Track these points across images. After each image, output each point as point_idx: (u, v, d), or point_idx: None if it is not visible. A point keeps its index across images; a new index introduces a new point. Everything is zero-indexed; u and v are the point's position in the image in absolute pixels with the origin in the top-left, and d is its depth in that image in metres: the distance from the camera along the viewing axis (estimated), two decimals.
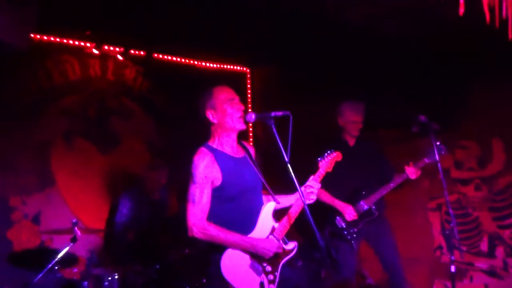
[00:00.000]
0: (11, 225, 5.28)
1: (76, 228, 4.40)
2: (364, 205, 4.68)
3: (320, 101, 5.94)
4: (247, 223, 3.23)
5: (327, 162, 3.54)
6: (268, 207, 3.33)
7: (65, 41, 5.74)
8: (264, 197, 3.44)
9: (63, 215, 5.49)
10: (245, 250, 3.16)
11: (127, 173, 5.95)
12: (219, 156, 3.21)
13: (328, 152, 3.58)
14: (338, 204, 4.71)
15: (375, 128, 5.29)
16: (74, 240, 4.40)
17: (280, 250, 3.24)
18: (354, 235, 4.70)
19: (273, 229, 3.28)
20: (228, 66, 7.00)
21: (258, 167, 3.38)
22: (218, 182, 3.16)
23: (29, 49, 5.10)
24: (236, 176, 3.23)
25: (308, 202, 3.25)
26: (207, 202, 3.13)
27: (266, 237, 3.24)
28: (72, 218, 4.66)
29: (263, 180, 3.36)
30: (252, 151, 3.52)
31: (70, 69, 5.84)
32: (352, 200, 4.72)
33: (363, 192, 4.72)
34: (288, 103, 5.58)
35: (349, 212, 4.67)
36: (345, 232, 4.70)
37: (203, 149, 3.21)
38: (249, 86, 7.20)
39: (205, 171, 3.12)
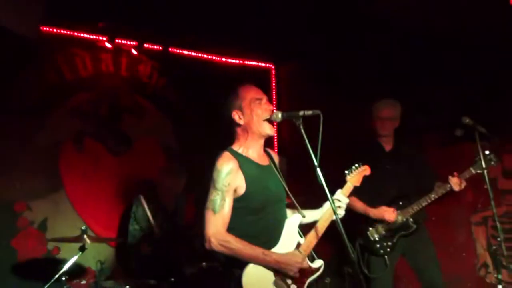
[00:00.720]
0: (16, 232, 5.28)
1: (85, 236, 4.40)
2: (400, 217, 4.60)
3: (352, 101, 5.88)
4: (270, 237, 3.19)
5: (355, 176, 3.52)
6: (293, 221, 3.28)
7: (75, 34, 5.74)
8: (288, 210, 3.41)
9: (72, 222, 5.48)
10: (268, 266, 3.09)
11: (140, 177, 5.91)
12: (244, 162, 3.18)
13: (356, 165, 3.56)
14: (373, 212, 4.63)
15: (415, 132, 5.22)
16: (83, 249, 4.39)
17: (306, 266, 3.19)
18: (388, 249, 4.63)
19: (299, 244, 3.24)
20: (251, 62, 6.96)
21: (283, 177, 3.36)
22: (241, 191, 3.12)
23: (37, 42, 5.12)
24: (261, 185, 3.19)
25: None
26: (228, 212, 3.09)
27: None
28: (81, 225, 4.65)
29: (289, 192, 3.34)
30: (276, 159, 3.51)
31: (80, 65, 5.84)
32: None
33: (400, 203, 4.63)
34: (316, 102, 5.49)
35: (387, 213, 4.56)
36: (378, 246, 4.63)
37: (227, 154, 3.17)
38: (273, 83, 7.14)
39: (229, 178, 3.08)
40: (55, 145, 5.60)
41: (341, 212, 3.29)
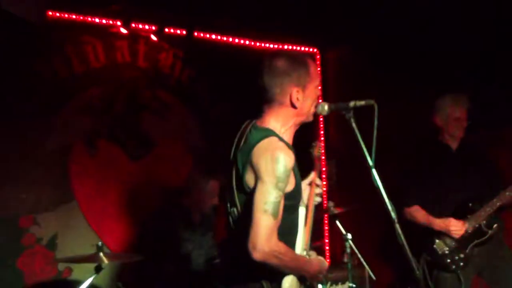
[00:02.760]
0: (22, 251, 5.40)
1: (101, 254, 4.44)
2: (472, 223, 4.61)
3: (408, 93, 5.90)
4: (295, 235, 3.20)
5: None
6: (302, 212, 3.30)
7: (85, 18, 5.81)
8: None
9: (85, 238, 5.61)
10: (300, 274, 3.11)
11: (162, 185, 6.01)
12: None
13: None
14: (437, 223, 4.64)
15: (474, 128, 5.15)
16: (98, 269, 4.43)
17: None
18: (461, 264, 4.62)
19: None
20: (292, 47, 6.97)
21: None
22: (290, 187, 3.02)
23: (44, 29, 5.24)
24: (300, 177, 3.18)
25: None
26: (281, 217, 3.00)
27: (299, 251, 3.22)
28: (96, 241, 4.70)
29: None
30: None
31: (92, 54, 5.94)
32: (456, 217, 4.65)
33: (470, 205, 4.66)
34: (367, 93, 5.51)
35: (454, 225, 4.57)
36: (448, 260, 4.64)
37: (282, 143, 3.03)
38: (318, 70, 7.14)
39: (289, 174, 2.96)
40: (64, 149, 5.69)
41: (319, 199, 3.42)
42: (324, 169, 6.69)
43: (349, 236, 5.14)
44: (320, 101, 3.23)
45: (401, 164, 5.02)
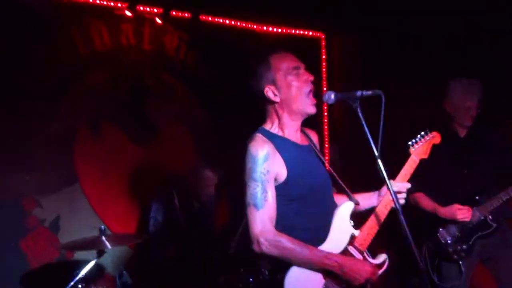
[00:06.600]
0: (26, 233, 5.41)
1: (103, 237, 4.45)
2: (477, 214, 4.56)
3: (418, 79, 5.84)
4: (318, 230, 3.16)
5: (422, 146, 3.49)
6: (344, 210, 3.26)
7: (89, 0, 5.79)
8: (336, 197, 3.39)
9: (88, 221, 5.62)
10: (322, 269, 3.06)
11: (167, 169, 6.00)
12: (281, 143, 3.16)
13: (422, 133, 3.54)
14: (443, 211, 4.61)
15: (494, 113, 5.10)
16: (101, 252, 4.45)
17: (375, 277, 3.10)
18: (463, 254, 4.60)
19: (353, 237, 3.20)
20: (298, 31, 6.97)
21: (325, 158, 3.38)
22: (282, 178, 3.10)
23: (49, 12, 5.21)
24: (304, 168, 3.18)
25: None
26: (273, 205, 3.06)
27: (343, 248, 3.17)
28: (98, 224, 4.71)
29: (335, 175, 3.33)
30: (315, 138, 3.49)
31: (97, 37, 5.92)
32: None
33: (477, 197, 4.60)
34: (374, 80, 5.48)
35: (460, 211, 4.53)
36: (451, 250, 4.61)
37: (260, 136, 3.16)
38: (323, 56, 7.12)
39: (267, 164, 3.05)
40: (68, 132, 5.69)
41: (402, 201, 3.24)
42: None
43: (351, 223, 5.10)
44: (325, 89, 3.21)
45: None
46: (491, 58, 5.39)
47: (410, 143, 3.49)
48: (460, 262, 4.58)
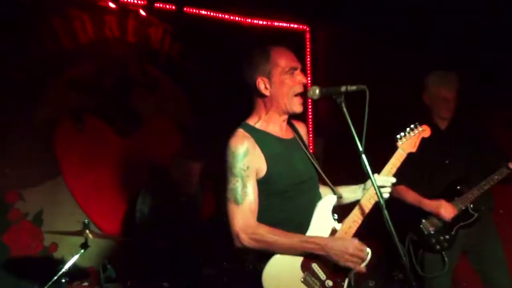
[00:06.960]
0: (8, 226, 5.37)
1: (87, 231, 4.44)
2: (458, 205, 4.59)
3: (402, 71, 5.86)
4: (301, 224, 3.15)
5: (410, 140, 3.47)
6: (326, 203, 3.23)
7: None
8: (322, 190, 3.38)
9: (71, 215, 5.58)
10: (307, 254, 3.05)
11: (152, 162, 5.98)
12: (261, 138, 3.15)
13: (412, 126, 3.51)
14: (427, 204, 4.62)
15: (481, 108, 5.15)
16: (85, 246, 4.45)
17: (360, 254, 3.04)
18: (446, 244, 4.63)
19: (334, 231, 3.18)
20: (282, 24, 6.95)
21: (310, 152, 3.34)
22: (262, 173, 3.10)
23: (31, 2, 5.16)
24: (285, 163, 3.17)
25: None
26: (254, 199, 3.06)
27: None
28: (82, 218, 4.71)
29: (319, 168, 3.31)
30: (303, 130, 3.48)
31: (80, 29, 5.86)
32: (443, 198, 4.63)
33: (458, 187, 4.64)
34: (360, 73, 5.48)
35: (445, 208, 4.55)
36: (434, 241, 4.63)
37: (240, 131, 3.15)
38: (308, 50, 7.12)
39: (247, 160, 3.05)
40: (50, 124, 5.65)
41: (386, 195, 3.23)
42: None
43: (335, 216, 5.11)
44: (309, 83, 3.20)
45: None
46: (491, 58, 5.42)
47: (398, 136, 3.46)
48: (443, 252, 4.60)
